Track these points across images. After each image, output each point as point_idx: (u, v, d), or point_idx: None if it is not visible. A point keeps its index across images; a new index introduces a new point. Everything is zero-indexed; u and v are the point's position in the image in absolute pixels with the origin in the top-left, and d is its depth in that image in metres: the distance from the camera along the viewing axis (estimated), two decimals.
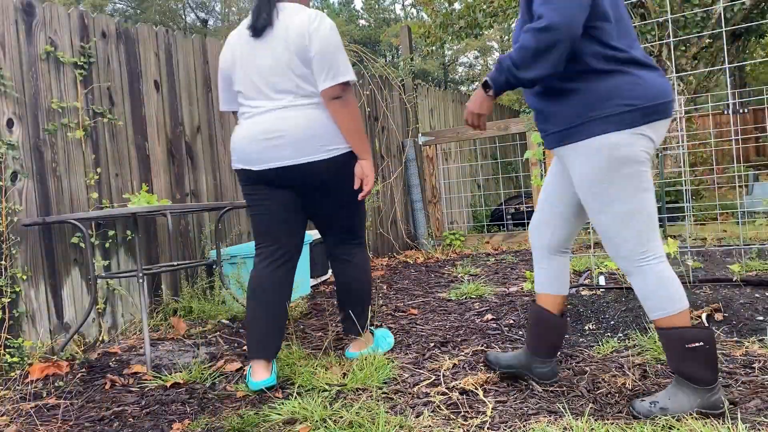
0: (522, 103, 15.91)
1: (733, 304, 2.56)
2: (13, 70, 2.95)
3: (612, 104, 1.73)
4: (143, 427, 2.04)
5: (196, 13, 26.95)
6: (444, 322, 3.10)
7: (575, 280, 3.67)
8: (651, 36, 6.82)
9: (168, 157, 3.71)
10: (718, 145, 9.82)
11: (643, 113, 1.73)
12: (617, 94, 1.73)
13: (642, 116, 1.73)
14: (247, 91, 2.33)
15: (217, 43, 4.15)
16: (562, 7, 1.66)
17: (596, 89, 1.75)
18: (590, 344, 2.47)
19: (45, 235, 3.02)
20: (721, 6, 4.57)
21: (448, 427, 1.80)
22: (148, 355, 2.65)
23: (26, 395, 2.41)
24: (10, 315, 2.83)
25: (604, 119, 1.74)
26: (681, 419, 1.68)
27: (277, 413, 2.00)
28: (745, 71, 15.43)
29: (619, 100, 1.73)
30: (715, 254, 4.11)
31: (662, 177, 5.61)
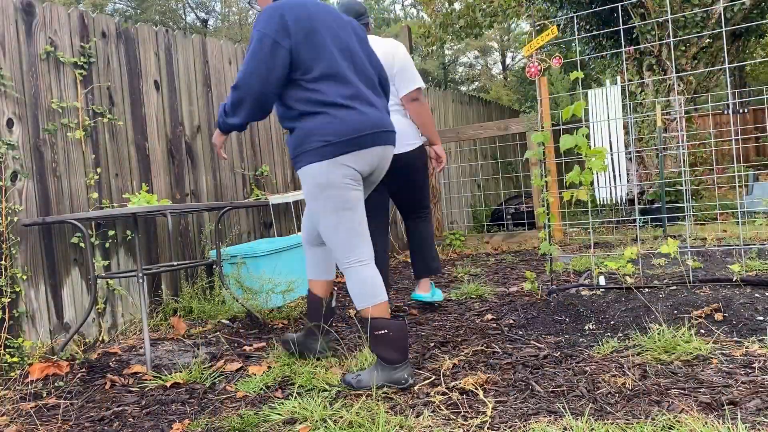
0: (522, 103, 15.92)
1: (733, 304, 2.56)
2: (13, 70, 2.95)
3: (313, 140, 2.16)
4: (143, 427, 2.04)
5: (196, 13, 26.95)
6: (444, 322, 3.10)
7: (575, 279, 3.67)
8: (651, 36, 6.82)
9: (168, 157, 3.71)
10: (718, 145, 9.82)
11: (337, 147, 2.16)
12: (316, 132, 2.16)
13: (336, 149, 2.16)
14: None
15: (217, 43, 4.15)
16: (247, 71, 2.13)
17: (303, 128, 2.18)
18: (590, 344, 2.47)
19: (45, 235, 3.02)
20: (721, 6, 4.57)
21: (448, 427, 1.80)
22: (148, 355, 2.65)
23: (26, 395, 2.41)
24: (10, 315, 2.83)
25: (308, 153, 2.18)
26: (681, 420, 1.68)
27: (277, 413, 2.00)
28: (745, 71, 15.44)
29: (318, 137, 2.15)
30: (715, 254, 4.11)
31: (662, 177, 5.61)
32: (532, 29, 5.25)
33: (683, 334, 2.34)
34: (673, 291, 2.85)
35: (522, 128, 5.92)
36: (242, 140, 4.26)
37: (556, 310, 2.91)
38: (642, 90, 7.09)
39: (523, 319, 2.96)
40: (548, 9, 8.80)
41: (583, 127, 2.97)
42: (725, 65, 3.70)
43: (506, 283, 3.96)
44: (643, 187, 6.97)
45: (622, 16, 7.12)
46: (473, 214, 7.39)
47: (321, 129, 2.15)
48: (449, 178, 7.06)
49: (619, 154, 5.42)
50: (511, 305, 3.29)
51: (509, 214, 6.75)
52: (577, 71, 3.16)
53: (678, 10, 6.53)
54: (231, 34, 23.90)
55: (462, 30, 8.41)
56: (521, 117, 6.10)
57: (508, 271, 4.46)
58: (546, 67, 5.14)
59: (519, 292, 3.62)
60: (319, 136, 2.15)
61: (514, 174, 8.63)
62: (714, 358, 2.16)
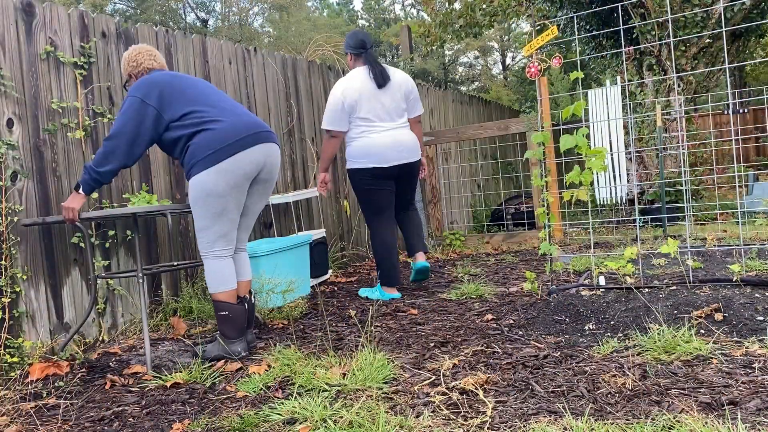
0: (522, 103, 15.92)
1: (733, 304, 2.56)
2: (13, 70, 2.95)
3: (201, 153, 2.63)
4: (143, 427, 2.04)
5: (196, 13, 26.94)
6: (444, 322, 3.10)
7: (575, 279, 3.66)
8: (651, 36, 6.82)
9: (168, 157, 3.71)
10: (718, 145, 9.82)
11: (219, 153, 2.62)
12: (204, 146, 2.62)
13: (219, 156, 2.62)
14: (374, 117, 3.74)
15: (217, 43, 4.15)
16: (119, 122, 2.62)
17: (195, 145, 2.64)
18: (590, 344, 2.47)
19: (45, 235, 3.02)
20: (721, 6, 4.58)
21: (448, 427, 1.80)
22: (148, 355, 2.65)
23: (26, 395, 2.41)
24: (10, 315, 2.83)
25: (197, 164, 2.64)
26: (681, 420, 1.68)
27: (277, 413, 2.00)
28: (745, 71, 15.43)
29: (205, 149, 2.62)
30: (715, 254, 4.11)
31: (662, 177, 5.61)
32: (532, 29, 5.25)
33: (683, 334, 2.34)
34: (673, 291, 2.85)
35: (522, 128, 5.92)
36: None
37: (556, 310, 2.91)
38: (642, 90, 7.09)
39: (523, 319, 2.96)
40: (548, 9, 8.80)
41: (583, 127, 2.96)
42: (725, 65, 3.71)
43: (506, 283, 3.96)
44: (643, 187, 6.97)
45: (622, 16, 7.12)
46: (473, 214, 7.39)
47: (207, 142, 2.64)
48: (449, 178, 7.06)
49: (619, 154, 5.42)
50: (511, 305, 3.29)
51: (509, 214, 6.75)
52: (577, 71, 3.16)
53: (678, 10, 6.53)
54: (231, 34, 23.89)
55: (462, 29, 8.40)
56: (521, 117, 6.11)
57: (508, 271, 4.46)
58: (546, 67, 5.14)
59: (519, 292, 3.62)
60: (206, 149, 2.62)
61: (514, 174, 8.63)
62: (714, 358, 2.16)
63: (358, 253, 5.43)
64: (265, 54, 4.60)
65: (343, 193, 5.34)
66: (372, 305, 3.59)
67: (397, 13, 31.37)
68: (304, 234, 4.30)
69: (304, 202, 4.85)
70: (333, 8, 34.08)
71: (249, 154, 2.67)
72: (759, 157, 11.40)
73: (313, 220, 4.94)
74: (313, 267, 4.31)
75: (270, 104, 4.57)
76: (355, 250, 5.39)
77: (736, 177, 4.07)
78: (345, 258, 5.23)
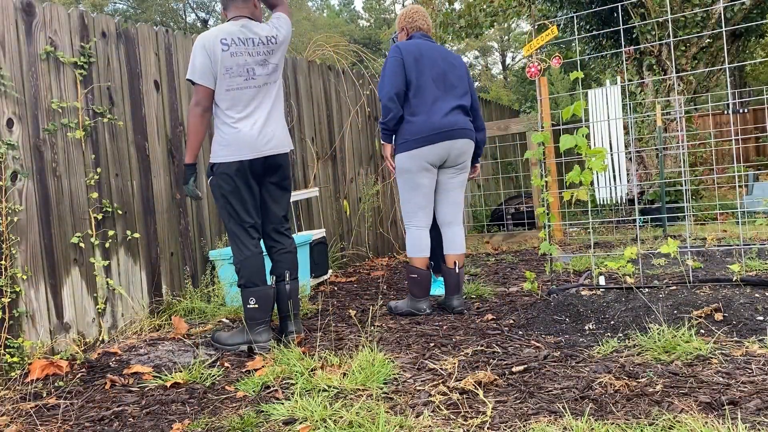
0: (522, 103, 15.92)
1: (733, 304, 2.56)
2: (13, 70, 2.95)
3: (400, 139, 3.28)
4: (143, 427, 2.04)
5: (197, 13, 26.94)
6: (444, 322, 3.10)
7: (575, 279, 3.66)
8: (651, 36, 6.82)
9: (168, 157, 3.71)
10: (718, 145, 9.82)
11: (413, 142, 3.22)
12: (401, 133, 3.28)
13: (412, 144, 3.23)
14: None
15: None
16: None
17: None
18: (590, 344, 2.47)
19: (45, 235, 3.02)
20: (721, 6, 4.57)
21: (448, 427, 1.80)
22: None
23: (26, 395, 2.41)
24: (10, 315, 2.83)
25: (398, 146, 3.30)
26: (681, 420, 1.68)
27: (277, 413, 2.00)
28: (745, 71, 15.43)
29: (404, 135, 3.26)
30: (715, 254, 4.11)
31: (662, 177, 5.61)
32: (532, 29, 5.25)
33: (683, 334, 2.34)
34: (673, 291, 2.85)
35: (522, 128, 5.92)
36: None
37: (556, 310, 2.91)
38: (642, 90, 7.09)
39: (523, 319, 2.96)
40: (548, 9, 8.80)
41: (583, 127, 2.97)
42: (725, 65, 3.70)
43: (506, 283, 3.96)
44: (643, 187, 6.97)
45: (622, 16, 7.12)
46: (473, 214, 7.39)
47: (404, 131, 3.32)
48: None
49: (619, 154, 5.42)
50: (511, 305, 3.29)
51: (509, 214, 6.75)
52: (577, 71, 3.16)
53: (678, 10, 6.53)
54: None
55: (462, 30, 8.40)
56: (521, 117, 6.10)
57: (508, 271, 4.46)
58: (546, 67, 5.14)
59: (519, 292, 3.62)
60: (403, 136, 3.31)
61: (514, 174, 8.63)
62: (714, 358, 2.16)
63: (358, 253, 5.43)
64: None
65: (343, 193, 5.35)
66: (372, 305, 3.59)
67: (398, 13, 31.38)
68: (304, 234, 4.30)
69: (304, 202, 4.85)
70: (333, 8, 34.07)
71: (433, 148, 3.28)
72: (759, 157, 11.39)
73: (313, 220, 4.93)
74: (314, 267, 4.31)
75: None
76: (355, 250, 5.39)
77: (736, 177, 4.07)
78: (345, 258, 5.23)
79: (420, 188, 3.29)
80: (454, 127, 3.25)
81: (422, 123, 3.23)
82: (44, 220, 3.02)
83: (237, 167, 2.77)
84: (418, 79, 3.23)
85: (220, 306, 3.64)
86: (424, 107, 3.25)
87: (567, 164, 7.27)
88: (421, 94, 3.24)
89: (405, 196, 3.34)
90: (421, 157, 3.23)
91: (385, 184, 5.80)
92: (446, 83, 3.30)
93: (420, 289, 3.32)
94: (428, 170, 3.28)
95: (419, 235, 3.32)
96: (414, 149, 3.22)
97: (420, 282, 3.31)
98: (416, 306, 3.32)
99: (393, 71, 3.22)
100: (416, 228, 3.32)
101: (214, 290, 3.76)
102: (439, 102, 3.26)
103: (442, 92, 3.29)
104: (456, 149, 3.28)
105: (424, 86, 3.25)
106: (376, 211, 5.64)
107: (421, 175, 3.27)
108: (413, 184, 3.29)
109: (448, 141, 3.24)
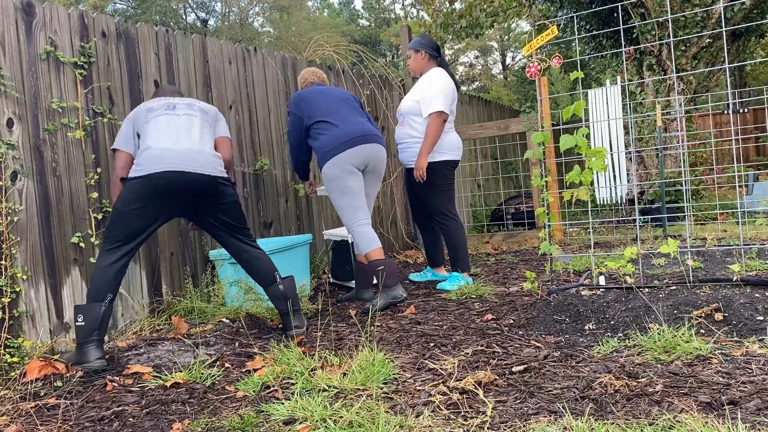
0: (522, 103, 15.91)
1: (733, 304, 2.56)
2: (13, 70, 2.95)
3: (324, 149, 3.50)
4: (143, 427, 2.04)
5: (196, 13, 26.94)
6: (444, 322, 3.10)
7: (575, 279, 3.66)
8: (651, 36, 6.82)
9: None
10: (718, 145, 9.82)
11: (333, 149, 3.46)
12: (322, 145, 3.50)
13: (334, 150, 3.46)
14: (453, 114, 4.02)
15: (218, 43, 4.15)
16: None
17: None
18: (590, 344, 2.47)
19: (45, 235, 3.02)
20: (721, 6, 4.57)
21: (448, 427, 1.80)
22: None
23: (26, 395, 2.41)
24: (10, 315, 2.83)
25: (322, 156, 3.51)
26: (681, 420, 1.68)
27: (277, 413, 2.00)
28: (745, 71, 15.43)
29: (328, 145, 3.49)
30: (715, 254, 4.11)
31: (662, 177, 5.61)
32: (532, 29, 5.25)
33: (683, 334, 2.34)
34: (673, 291, 2.85)
35: (522, 128, 5.91)
36: (242, 140, 4.26)
37: (556, 310, 2.91)
38: (642, 90, 7.09)
39: (523, 319, 2.96)
40: (548, 9, 8.80)
41: (583, 127, 2.96)
42: (725, 65, 3.70)
43: (506, 283, 3.96)
44: (643, 187, 6.97)
45: (622, 15, 7.11)
46: (473, 214, 7.39)
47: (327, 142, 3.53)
48: None
49: (619, 154, 5.42)
50: (511, 305, 3.29)
51: (509, 214, 6.75)
52: (577, 71, 3.16)
53: (678, 10, 6.53)
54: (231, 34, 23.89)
55: (463, 30, 8.39)
56: (521, 117, 6.10)
57: (508, 271, 4.46)
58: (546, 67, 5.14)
59: (519, 292, 3.62)
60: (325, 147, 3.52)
61: (514, 174, 8.63)
62: (714, 358, 2.16)
63: None
64: (265, 54, 4.60)
65: None
66: (372, 305, 3.59)
67: (398, 13, 31.36)
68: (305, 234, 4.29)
69: (304, 202, 4.85)
70: (333, 8, 34.07)
71: (356, 151, 3.48)
72: (759, 157, 11.39)
73: (313, 220, 4.93)
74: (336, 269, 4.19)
75: (270, 104, 4.57)
76: None
77: (736, 177, 4.07)
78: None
79: (351, 191, 3.50)
80: (371, 133, 3.56)
81: (340, 131, 3.49)
82: (44, 220, 3.02)
83: None
84: (328, 103, 3.57)
85: (221, 306, 3.64)
86: (339, 119, 3.54)
87: (567, 164, 7.27)
88: (333, 111, 3.56)
89: (339, 202, 3.53)
90: (345, 161, 3.45)
91: (385, 184, 5.79)
92: (351, 106, 3.66)
93: (391, 277, 3.41)
94: (354, 173, 3.51)
95: (365, 231, 3.51)
96: (337, 155, 3.44)
97: (387, 271, 3.41)
98: (394, 294, 3.41)
99: (294, 128, 3.64)
100: (362, 226, 3.51)
101: (214, 290, 3.75)
102: (351, 116, 3.58)
103: (351, 110, 3.62)
104: (375, 153, 3.57)
105: (334, 106, 3.58)
106: (376, 211, 5.64)
107: (351, 179, 3.49)
108: (344, 189, 3.49)
109: (368, 144, 3.52)
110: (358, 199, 3.51)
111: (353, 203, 3.49)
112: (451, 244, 3.95)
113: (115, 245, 2.73)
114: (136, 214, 2.73)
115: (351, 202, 3.49)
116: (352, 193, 3.49)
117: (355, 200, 3.50)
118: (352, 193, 3.49)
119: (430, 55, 4.00)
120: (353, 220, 3.50)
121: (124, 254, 2.74)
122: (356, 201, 3.50)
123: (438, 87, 3.81)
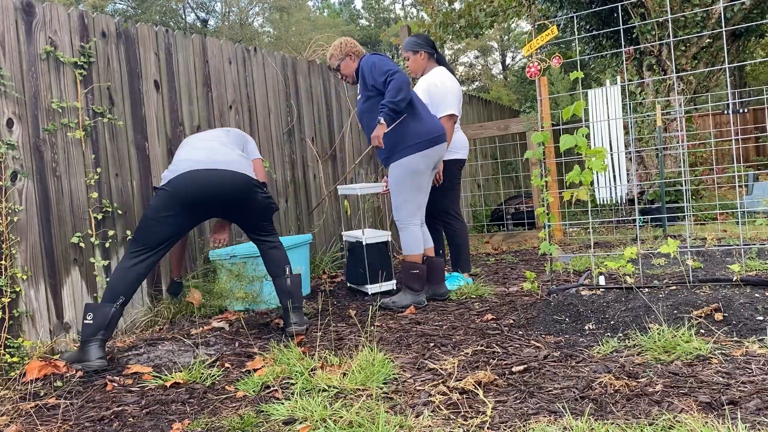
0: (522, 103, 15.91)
1: (733, 304, 2.56)
2: (13, 70, 2.95)
3: (410, 140, 3.38)
4: (143, 427, 2.04)
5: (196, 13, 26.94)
6: (444, 322, 3.10)
7: (575, 279, 3.66)
8: (651, 36, 6.82)
9: (168, 157, 3.71)
10: (718, 145, 9.82)
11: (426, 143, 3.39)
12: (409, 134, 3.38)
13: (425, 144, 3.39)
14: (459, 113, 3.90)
15: (217, 43, 4.15)
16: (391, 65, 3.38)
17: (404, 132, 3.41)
18: (590, 344, 2.47)
19: (45, 235, 3.02)
20: (721, 6, 4.57)
21: (448, 427, 1.80)
22: None
23: (26, 395, 2.41)
24: (10, 315, 2.83)
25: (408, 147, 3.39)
26: (681, 420, 1.68)
27: (277, 413, 2.00)
28: (745, 71, 15.43)
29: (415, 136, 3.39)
30: (715, 254, 4.11)
31: (662, 177, 5.61)
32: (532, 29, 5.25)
33: (683, 334, 2.34)
34: (673, 291, 2.85)
35: (522, 128, 5.92)
36: None
37: (556, 310, 2.91)
38: (642, 90, 7.09)
39: (523, 319, 2.96)
40: (548, 9, 8.80)
41: (583, 127, 2.96)
42: (725, 65, 3.70)
43: (506, 283, 3.96)
44: (643, 187, 6.97)
45: (622, 16, 7.12)
46: (473, 214, 7.39)
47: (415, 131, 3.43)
48: None
49: (619, 154, 5.42)
50: (511, 305, 3.29)
51: (509, 214, 6.75)
52: (577, 71, 3.16)
53: (678, 10, 6.53)
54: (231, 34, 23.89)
55: (462, 30, 8.39)
56: (521, 117, 6.10)
57: (508, 271, 4.46)
58: (546, 67, 5.14)
59: (519, 292, 3.62)
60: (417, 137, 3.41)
61: (514, 174, 8.63)
62: (714, 358, 2.16)
63: None
64: (265, 54, 4.60)
65: None
66: (372, 305, 3.59)
67: (398, 13, 31.37)
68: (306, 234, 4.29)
69: (304, 202, 4.85)
70: (333, 8, 34.07)
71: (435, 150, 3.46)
72: (759, 157, 11.39)
73: (313, 220, 4.93)
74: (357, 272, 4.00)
75: (270, 104, 4.57)
76: None
77: (735, 177, 4.07)
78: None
79: (422, 189, 3.48)
80: (443, 132, 3.51)
81: (430, 125, 3.44)
82: (44, 220, 3.02)
83: None
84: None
85: (220, 307, 3.63)
86: (425, 112, 3.48)
87: (567, 164, 7.27)
88: (418, 101, 3.50)
89: (407, 196, 3.44)
90: (431, 158, 3.42)
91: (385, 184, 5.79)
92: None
93: (421, 284, 3.48)
94: (429, 172, 3.49)
95: (417, 231, 3.48)
96: (427, 149, 3.39)
97: (421, 276, 3.47)
98: (418, 300, 3.46)
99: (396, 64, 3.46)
100: (416, 226, 3.48)
101: (214, 290, 3.75)
102: (429, 112, 3.54)
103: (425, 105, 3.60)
104: (442, 157, 3.58)
105: (414, 94, 3.51)
106: (375, 212, 5.64)
107: (426, 176, 3.46)
108: (419, 185, 3.44)
109: (442, 145, 3.50)
110: (425, 198, 3.51)
111: (419, 201, 3.46)
112: (454, 244, 3.95)
113: (139, 250, 2.78)
114: (164, 221, 2.78)
115: (417, 199, 3.45)
116: (423, 192, 3.47)
117: (422, 198, 3.48)
118: (423, 191, 3.47)
119: (428, 53, 4.00)
120: (411, 218, 3.46)
121: (146, 258, 2.78)
122: (422, 199, 3.49)
123: (446, 88, 3.81)
